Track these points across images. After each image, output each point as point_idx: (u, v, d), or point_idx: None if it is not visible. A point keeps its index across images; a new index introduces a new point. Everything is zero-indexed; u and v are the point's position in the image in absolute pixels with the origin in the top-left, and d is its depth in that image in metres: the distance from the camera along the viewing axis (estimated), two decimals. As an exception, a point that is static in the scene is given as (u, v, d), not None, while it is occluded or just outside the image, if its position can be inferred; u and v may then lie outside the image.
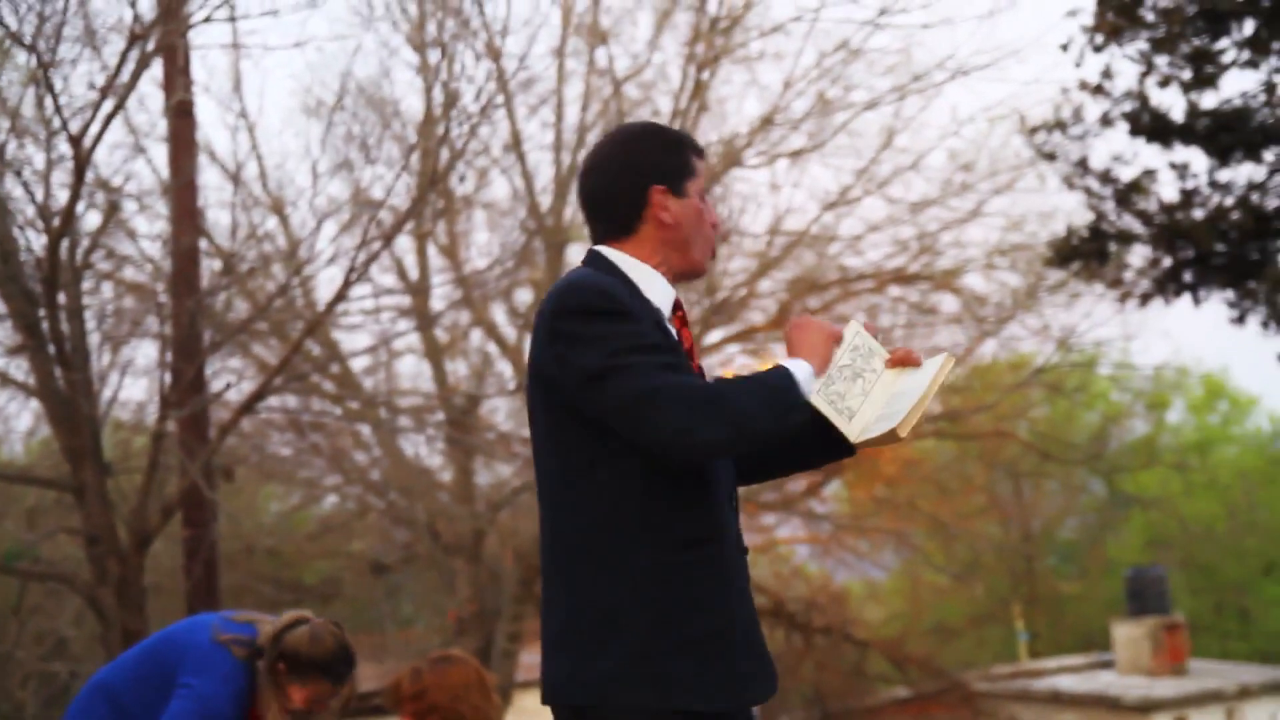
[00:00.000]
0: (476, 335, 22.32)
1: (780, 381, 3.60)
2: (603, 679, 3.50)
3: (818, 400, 3.80)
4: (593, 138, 21.23)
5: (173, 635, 5.75)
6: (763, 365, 3.97)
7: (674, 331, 3.77)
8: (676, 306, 3.81)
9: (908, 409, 3.76)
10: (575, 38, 20.76)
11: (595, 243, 3.85)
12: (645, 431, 3.45)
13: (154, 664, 5.68)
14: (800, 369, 3.65)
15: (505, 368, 21.91)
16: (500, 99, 17.50)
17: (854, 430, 3.83)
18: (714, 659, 3.54)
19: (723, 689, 3.54)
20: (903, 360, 3.96)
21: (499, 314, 22.00)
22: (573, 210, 20.95)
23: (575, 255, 22.06)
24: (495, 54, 17.03)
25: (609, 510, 3.58)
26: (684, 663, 3.50)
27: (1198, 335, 56.64)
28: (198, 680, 5.53)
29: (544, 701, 3.63)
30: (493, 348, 22.42)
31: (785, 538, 29.83)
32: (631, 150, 3.82)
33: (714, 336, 24.38)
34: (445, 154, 14.54)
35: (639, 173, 3.77)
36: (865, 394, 3.87)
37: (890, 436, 3.77)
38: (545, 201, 20.61)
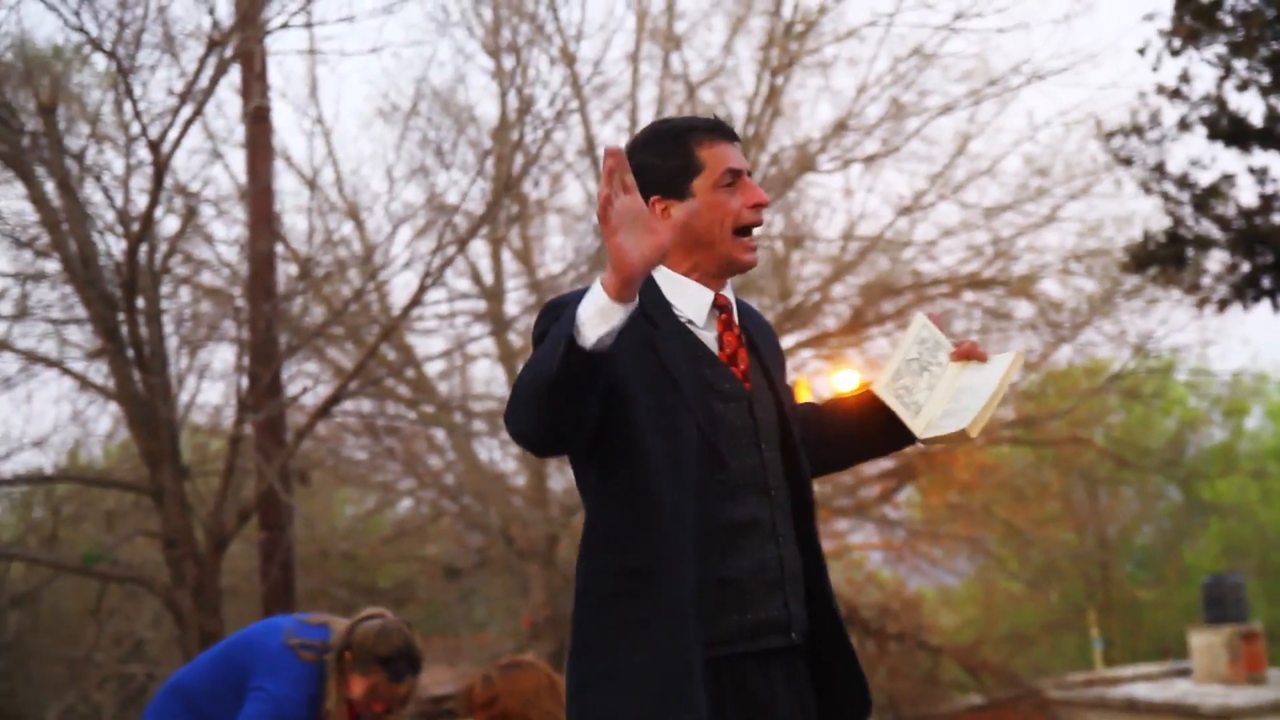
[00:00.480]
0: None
1: (556, 331, 3.27)
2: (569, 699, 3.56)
3: (884, 393, 3.80)
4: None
5: (248, 638, 5.80)
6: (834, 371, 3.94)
7: (714, 338, 3.69)
8: (722, 309, 3.72)
9: (978, 407, 3.72)
10: (650, 42, 20.78)
11: None
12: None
13: (228, 667, 5.73)
14: (585, 304, 3.20)
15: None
16: (574, 104, 17.55)
17: (920, 425, 3.80)
18: (629, 692, 3.46)
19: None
20: (968, 354, 3.90)
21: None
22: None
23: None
24: (570, 59, 17.08)
25: (584, 535, 3.62)
26: (601, 694, 3.48)
27: (1277, 341, 56.12)
28: (271, 683, 5.60)
29: None
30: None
31: (859, 544, 29.75)
32: (635, 162, 3.64)
33: (787, 342, 24.34)
34: (519, 159, 14.59)
35: (641, 184, 3.50)
36: (931, 388, 3.84)
37: (961, 436, 3.73)
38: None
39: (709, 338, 3.69)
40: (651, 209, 3.58)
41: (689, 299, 3.67)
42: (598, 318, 3.17)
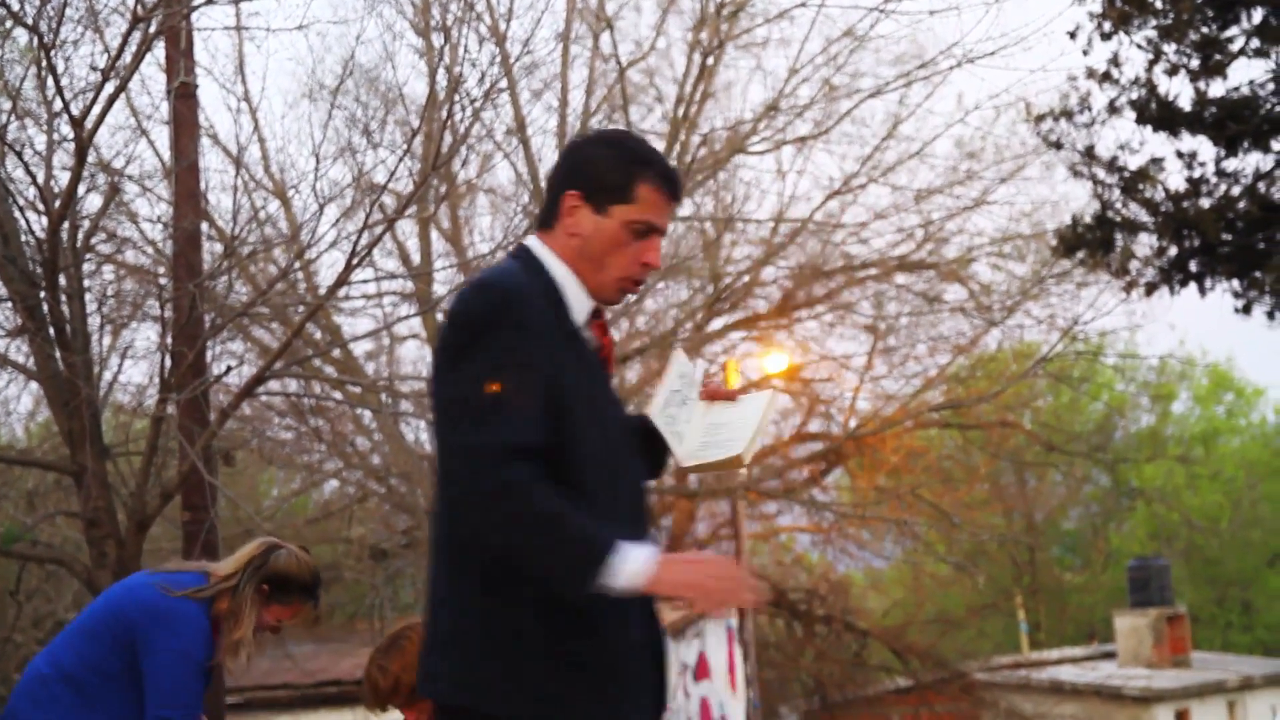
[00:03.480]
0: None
1: (594, 545, 3.32)
2: (483, 684, 3.44)
3: (658, 419, 3.85)
4: (596, 123, 21.17)
5: (117, 605, 5.72)
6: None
7: (593, 338, 3.70)
8: (596, 314, 3.72)
9: (744, 439, 3.83)
10: (580, 22, 20.69)
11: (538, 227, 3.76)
12: (448, 485, 3.43)
13: (110, 638, 5.64)
14: (633, 562, 3.32)
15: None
16: (504, 83, 17.42)
17: (683, 452, 3.88)
18: (590, 685, 3.47)
19: (592, 714, 3.48)
20: (713, 395, 4.00)
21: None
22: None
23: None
24: (500, 38, 16.96)
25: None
26: (559, 683, 3.44)
27: (1204, 326, 56.60)
28: (172, 639, 5.56)
29: (421, 692, 3.59)
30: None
31: (787, 526, 29.81)
32: (582, 150, 3.74)
33: (717, 324, 24.35)
34: (448, 138, 14.46)
35: (570, 173, 3.64)
36: (688, 421, 3.94)
37: (734, 462, 3.83)
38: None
39: (589, 338, 3.71)
40: (564, 199, 3.63)
41: (574, 296, 3.65)
42: (634, 582, 3.31)
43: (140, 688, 5.58)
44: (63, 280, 12.27)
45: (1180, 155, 17.07)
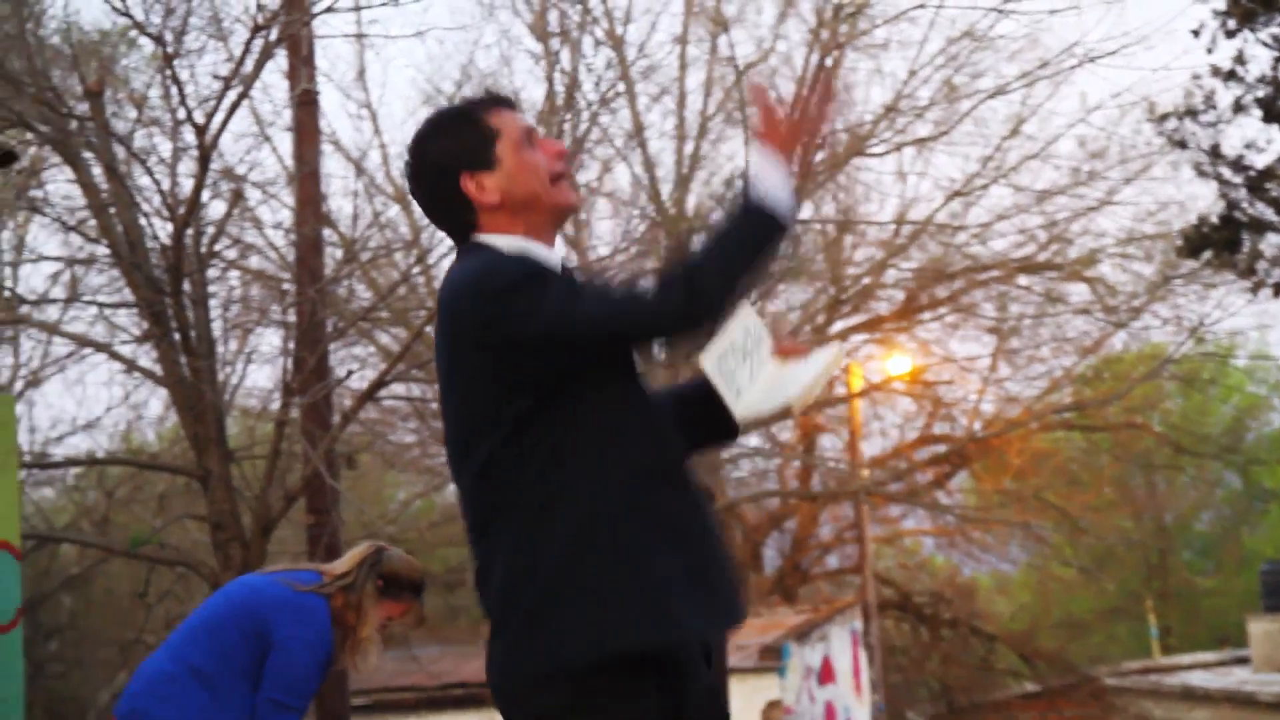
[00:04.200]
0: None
1: (752, 221, 3.46)
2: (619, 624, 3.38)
3: (710, 369, 3.77)
4: (715, 125, 21.18)
5: (243, 603, 5.81)
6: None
7: None
8: (567, 272, 3.66)
9: (798, 392, 3.76)
10: (697, 25, 20.69)
11: (460, 244, 3.71)
12: (644, 327, 3.44)
13: (236, 632, 5.73)
14: (774, 188, 3.48)
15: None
16: (621, 87, 17.48)
17: (740, 407, 3.81)
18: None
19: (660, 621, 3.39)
20: (788, 351, 3.93)
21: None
22: (696, 198, 20.89)
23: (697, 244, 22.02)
24: (617, 42, 17.02)
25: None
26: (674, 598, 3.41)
27: (1338, 327, 55.63)
28: (307, 628, 5.73)
29: (544, 667, 3.42)
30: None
31: (911, 530, 29.66)
32: (426, 152, 3.70)
33: (838, 326, 24.25)
34: (567, 142, 14.55)
35: (441, 169, 3.64)
36: (751, 376, 3.87)
37: (784, 412, 3.80)
38: (666, 190, 20.58)
39: None
40: (464, 185, 3.62)
41: (545, 259, 3.61)
42: (786, 194, 3.48)
43: None
44: (187, 286, 12.49)
45: (1308, 153, 16.84)
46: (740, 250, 3.42)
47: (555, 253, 3.69)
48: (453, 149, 3.66)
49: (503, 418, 3.48)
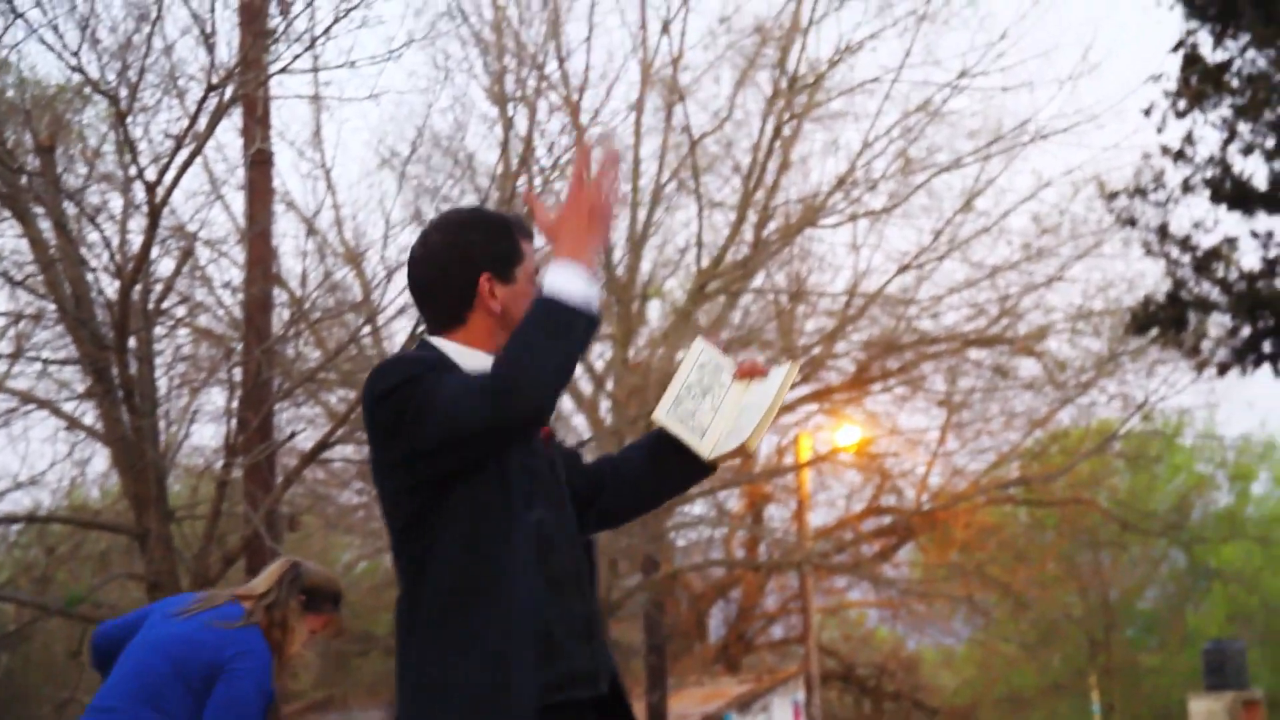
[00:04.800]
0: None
1: (547, 313, 3.48)
2: None
3: (668, 421, 3.87)
4: (669, 193, 21.26)
5: (185, 657, 5.74)
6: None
7: None
8: None
9: (756, 421, 3.81)
10: (653, 93, 20.78)
11: (429, 332, 3.83)
12: (474, 434, 3.46)
13: (181, 686, 5.68)
14: (554, 279, 3.51)
15: (580, 421, 21.89)
16: (576, 153, 17.51)
17: (706, 447, 3.89)
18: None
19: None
20: (749, 372, 4.00)
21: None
22: (649, 266, 20.96)
23: (649, 312, 22.06)
24: (572, 108, 17.06)
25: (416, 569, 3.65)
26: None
27: (1285, 406, 56.04)
28: (253, 659, 5.68)
29: None
30: (567, 401, 22.44)
31: (856, 601, 29.62)
32: (460, 238, 3.78)
33: (790, 396, 24.25)
34: (520, 207, 14.54)
35: (468, 261, 3.74)
36: (715, 410, 3.93)
37: (740, 450, 3.84)
38: (619, 256, 20.61)
39: None
40: (481, 286, 3.73)
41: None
42: (592, 291, 3.50)
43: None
44: (133, 343, 12.37)
45: (1255, 235, 16.95)
46: (541, 343, 3.46)
47: None
48: (488, 248, 3.77)
49: (395, 524, 3.66)
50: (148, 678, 5.74)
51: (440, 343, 3.75)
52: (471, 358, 3.70)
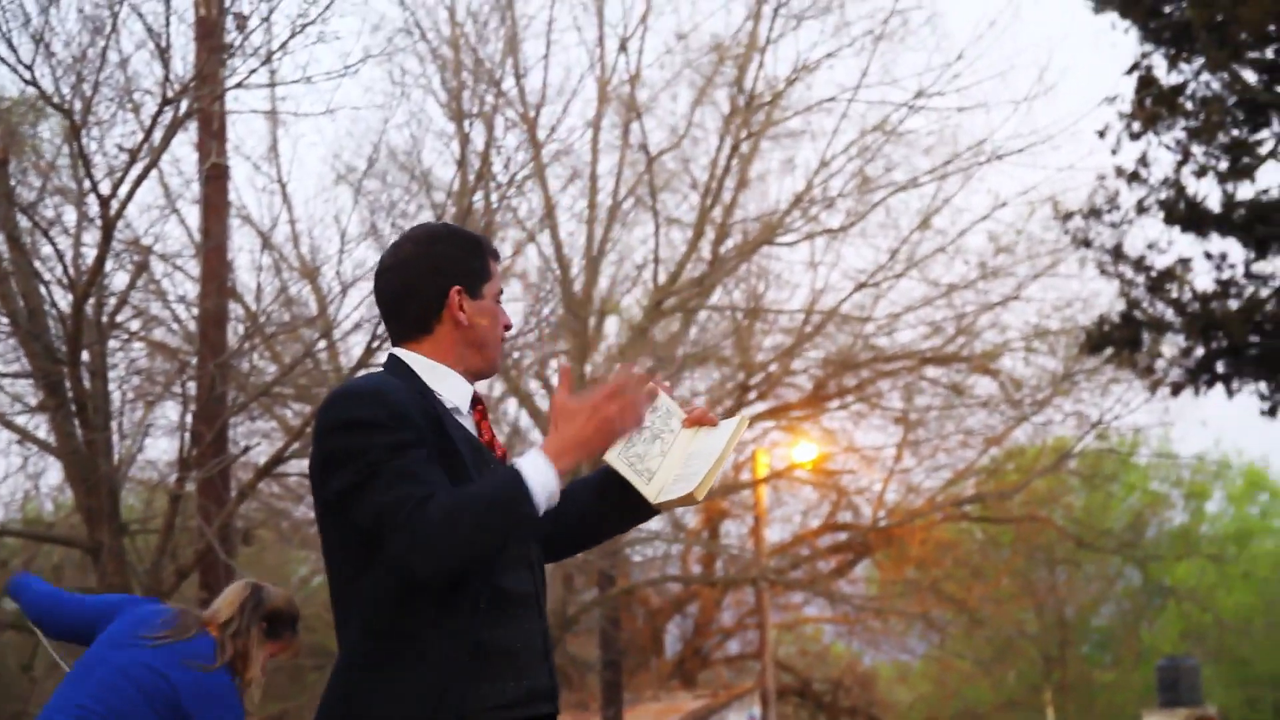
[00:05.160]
0: (511, 405, 22.34)
1: (508, 492, 3.49)
2: None
3: (617, 462, 3.86)
4: (627, 209, 21.30)
5: (157, 689, 5.72)
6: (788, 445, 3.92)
7: (473, 425, 3.81)
8: (476, 401, 3.84)
9: (705, 470, 3.83)
10: (611, 111, 20.83)
11: (394, 343, 3.85)
12: (385, 553, 3.45)
13: (152, 714, 5.69)
14: (536, 470, 3.51)
15: (537, 437, 21.88)
16: (533, 169, 17.53)
17: (652, 491, 3.89)
18: None
19: None
20: (699, 420, 4.02)
21: (532, 383, 22.06)
22: (606, 282, 20.99)
23: (606, 328, 22.09)
24: (530, 124, 17.08)
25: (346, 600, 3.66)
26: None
27: (1240, 424, 56.35)
28: (230, 712, 5.72)
29: None
30: (525, 418, 22.47)
31: (812, 617, 29.65)
32: (432, 251, 3.81)
33: (748, 411, 24.30)
34: (480, 223, 14.55)
35: (439, 273, 3.77)
36: (664, 454, 3.94)
37: (688, 499, 3.84)
38: (576, 272, 20.63)
39: (469, 424, 3.80)
40: (451, 298, 3.76)
41: (453, 389, 3.78)
42: (551, 489, 3.51)
43: None
44: (86, 356, 12.34)
45: (1209, 256, 17.07)
46: (493, 529, 3.46)
47: (466, 391, 3.81)
48: (460, 263, 3.81)
49: (333, 541, 3.66)
50: (117, 698, 5.73)
51: (406, 355, 3.76)
52: (437, 373, 3.74)
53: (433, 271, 3.77)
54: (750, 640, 29.17)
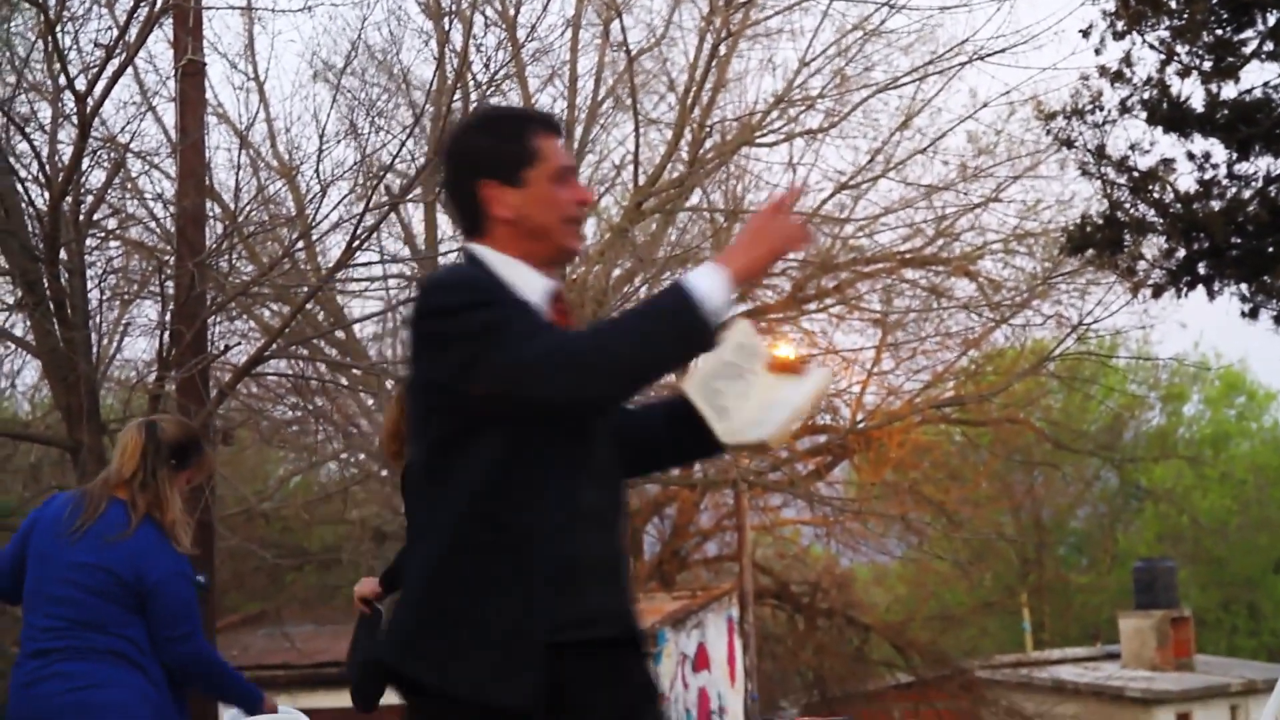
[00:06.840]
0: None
1: (669, 299, 3.39)
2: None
3: (695, 393, 3.73)
4: (607, 109, 21.18)
5: (107, 577, 5.64)
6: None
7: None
8: (556, 298, 3.63)
9: (783, 420, 3.71)
10: (590, 9, 20.65)
11: (465, 239, 3.68)
12: (535, 402, 3.33)
13: (119, 609, 5.61)
14: (706, 282, 3.35)
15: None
16: (512, 69, 17.38)
17: (724, 430, 3.74)
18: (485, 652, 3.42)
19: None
20: (785, 367, 3.86)
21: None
22: (585, 182, 20.86)
23: (585, 229, 22.01)
24: (509, 23, 16.92)
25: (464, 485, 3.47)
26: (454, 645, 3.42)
27: (1219, 327, 56.45)
28: (171, 560, 5.61)
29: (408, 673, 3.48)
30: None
31: (790, 519, 29.75)
32: (461, 145, 3.67)
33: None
34: (456, 121, 14.44)
35: (469, 169, 3.59)
36: (743, 395, 3.78)
37: (761, 446, 3.76)
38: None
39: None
40: (481, 190, 3.56)
41: (528, 284, 3.56)
42: (719, 294, 3.33)
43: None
44: (64, 255, 12.26)
45: (1191, 157, 16.97)
46: (656, 338, 3.35)
47: (542, 285, 3.61)
48: (486, 153, 3.60)
49: (427, 434, 3.51)
50: (72, 610, 5.65)
51: (480, 251, 3.59)
52: (513, 269, 3.56)
53: (461, 168, 3.62)
54: (728, 542, 29.28)
